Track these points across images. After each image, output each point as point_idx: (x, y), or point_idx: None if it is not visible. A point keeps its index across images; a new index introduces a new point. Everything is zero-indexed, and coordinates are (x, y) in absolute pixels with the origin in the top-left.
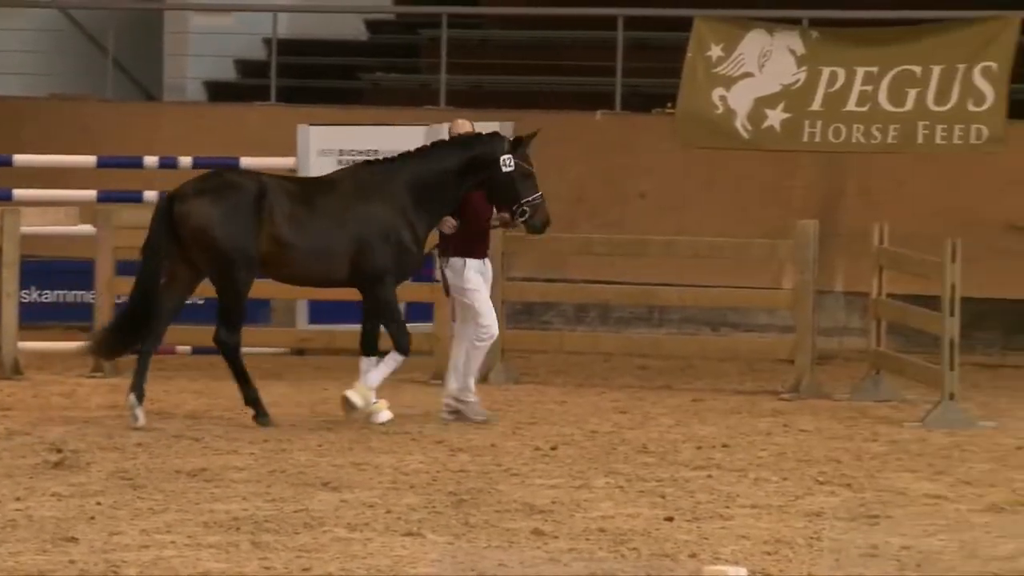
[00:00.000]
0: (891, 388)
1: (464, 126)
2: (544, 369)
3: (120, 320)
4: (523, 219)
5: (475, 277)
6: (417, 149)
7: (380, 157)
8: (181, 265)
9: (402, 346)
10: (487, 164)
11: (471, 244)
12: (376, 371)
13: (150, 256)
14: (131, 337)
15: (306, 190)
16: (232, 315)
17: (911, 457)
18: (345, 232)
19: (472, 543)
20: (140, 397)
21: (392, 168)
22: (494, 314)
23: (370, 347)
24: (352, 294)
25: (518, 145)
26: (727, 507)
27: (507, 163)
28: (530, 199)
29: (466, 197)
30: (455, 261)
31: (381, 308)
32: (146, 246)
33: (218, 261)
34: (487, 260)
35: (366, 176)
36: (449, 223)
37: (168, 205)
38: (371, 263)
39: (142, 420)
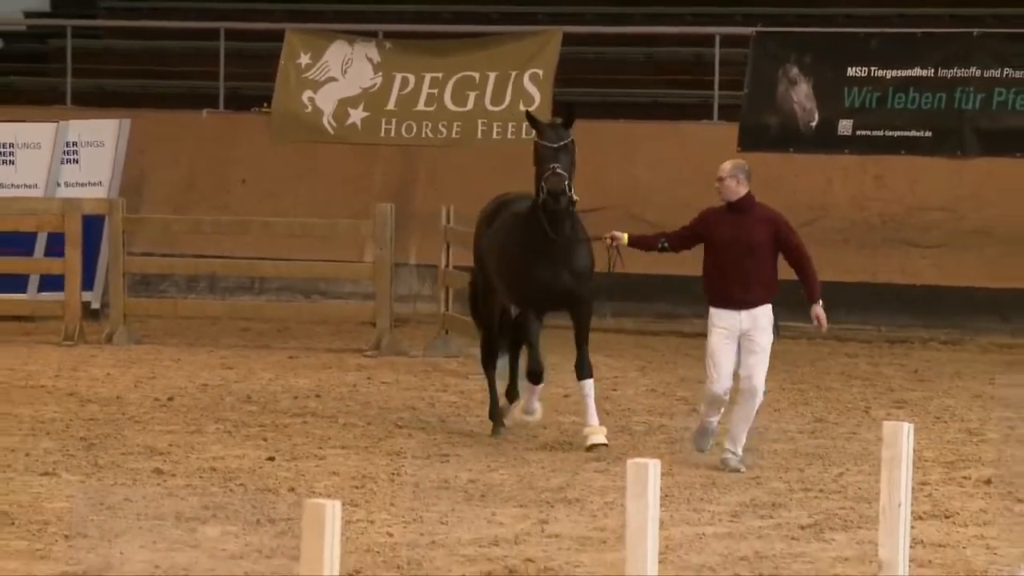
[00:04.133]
0: (458, 346)
1: (724, 169)
2: (161, 332)
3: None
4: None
5: (712, 326)
6: None
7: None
8: None
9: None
10: None
11: (712, 289)
12: (589, 409)
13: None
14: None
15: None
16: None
17: (477, 404)
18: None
19: (101, 481)
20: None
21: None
22: (720, 370)
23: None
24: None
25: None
26: (320, 448)
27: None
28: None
29: (707, 236)
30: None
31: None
32: None
33: None
34: (748, 311)
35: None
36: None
37: None
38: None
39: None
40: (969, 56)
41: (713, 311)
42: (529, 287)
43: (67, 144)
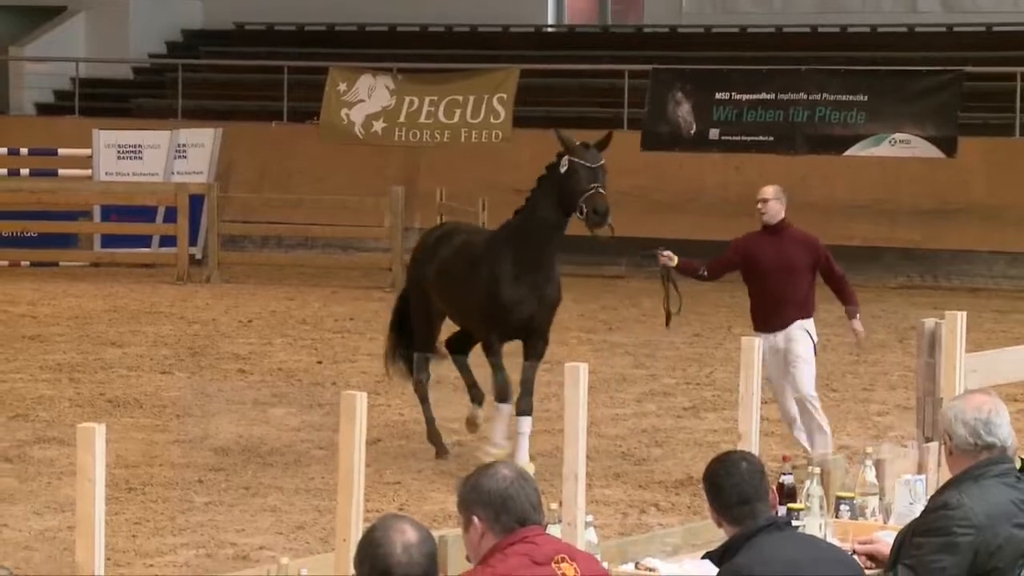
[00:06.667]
0: None
1: (768, 192)
2: (243, 275)
3: None
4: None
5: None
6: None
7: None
8: None
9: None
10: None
11: (754, 313)
12: (521, 448)
13: None
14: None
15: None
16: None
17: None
18: None
19: (202, 377)
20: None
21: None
22: (776, 391)
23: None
24: (131, 228)
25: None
26: (353, 355)
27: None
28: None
29: (748, 262)
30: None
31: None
32: None
33: None
34: (782, 332)
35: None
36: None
37: None
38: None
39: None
40: (799, 85)
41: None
42: (502, 312)
43: (178, 146)
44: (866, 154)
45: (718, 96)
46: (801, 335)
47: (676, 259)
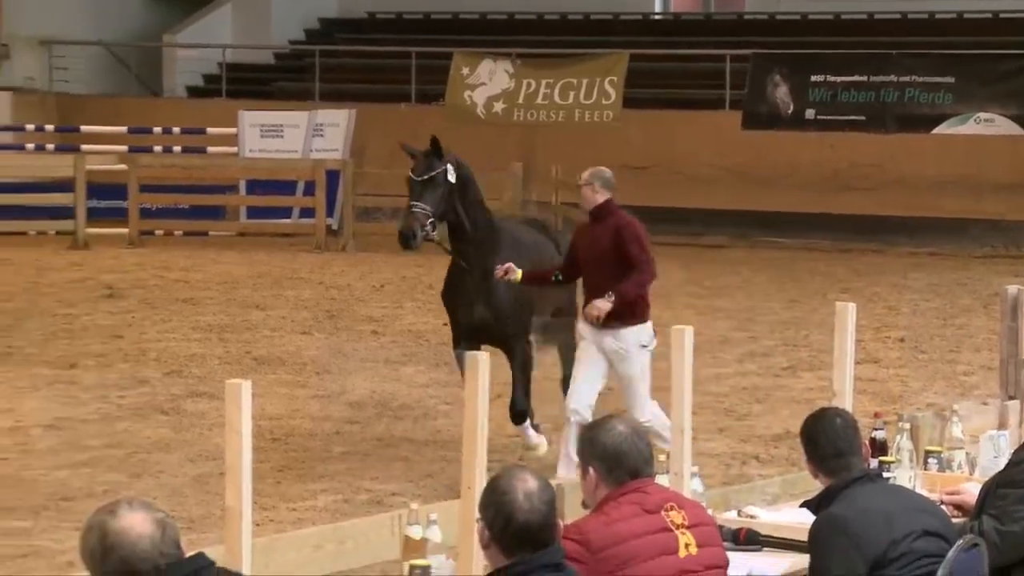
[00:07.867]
0: None
1: (583, 176)
2: (376, 244)
3: None
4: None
5: (579, 338)
6: None
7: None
8: None
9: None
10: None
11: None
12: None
13: None
14: None
15: None
16: None
17: None
18: None
19: (339, 338)
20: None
21: None
22: (574, 386)
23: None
24: (274, 200)
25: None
26: None
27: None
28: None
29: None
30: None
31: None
32: None
33: None
34: (611, 332)
35: None
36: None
37: None
38: None
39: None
40: (889, 68)
41: (580, 324)
42: (452, 320)
43: (316, 125)
44: (952, 132)
45: (813, 79)
46: (634, 349)
47: (519, 272)
